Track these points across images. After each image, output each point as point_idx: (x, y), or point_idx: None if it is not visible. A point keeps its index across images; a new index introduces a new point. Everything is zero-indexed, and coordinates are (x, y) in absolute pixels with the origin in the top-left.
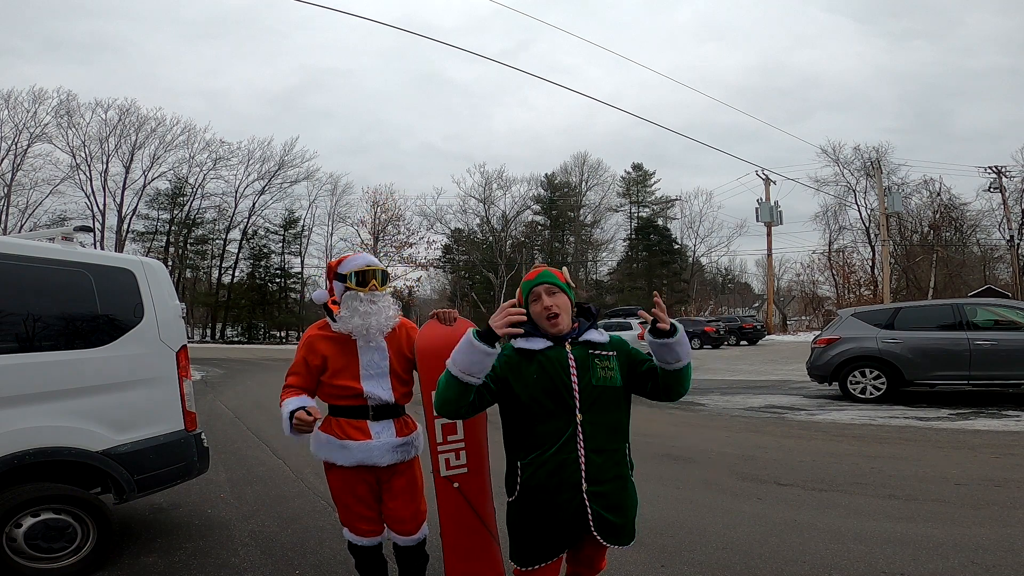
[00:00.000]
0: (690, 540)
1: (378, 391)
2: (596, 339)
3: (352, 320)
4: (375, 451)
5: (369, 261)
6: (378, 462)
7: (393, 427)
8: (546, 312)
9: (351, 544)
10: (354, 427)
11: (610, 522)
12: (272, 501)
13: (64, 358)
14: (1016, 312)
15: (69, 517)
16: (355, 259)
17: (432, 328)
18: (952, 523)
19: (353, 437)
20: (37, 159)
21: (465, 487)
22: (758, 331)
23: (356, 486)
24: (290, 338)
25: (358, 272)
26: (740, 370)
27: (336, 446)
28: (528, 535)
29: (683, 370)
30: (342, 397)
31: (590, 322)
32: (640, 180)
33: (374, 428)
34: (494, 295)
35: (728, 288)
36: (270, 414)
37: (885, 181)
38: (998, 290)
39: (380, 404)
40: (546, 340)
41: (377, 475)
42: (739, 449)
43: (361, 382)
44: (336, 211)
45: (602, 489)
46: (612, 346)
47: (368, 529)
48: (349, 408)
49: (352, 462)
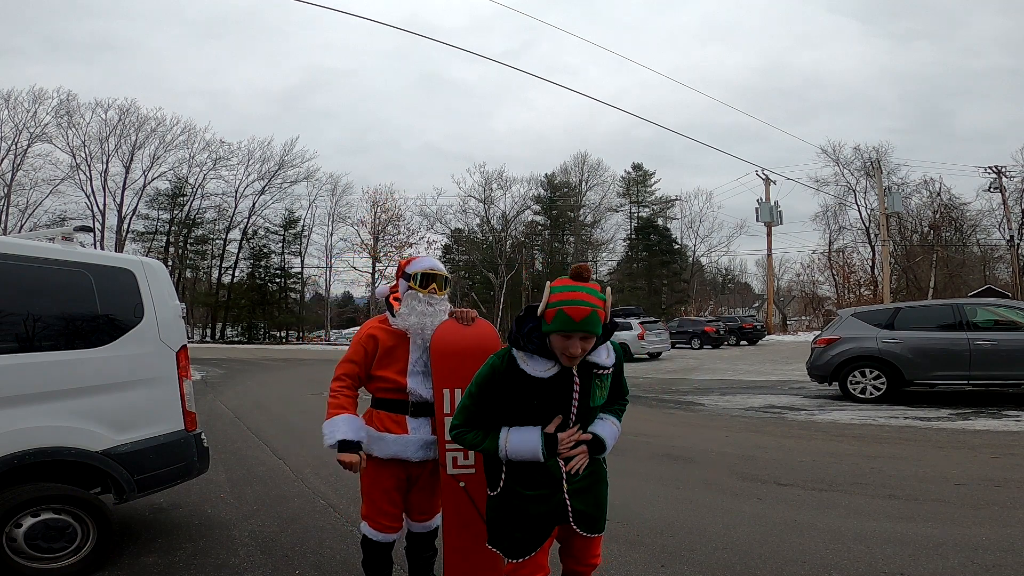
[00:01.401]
0: (690, 540)
1: (420, 388)
2: (602, 363)
3: (410, 318)
4: (410, 445)
5: (434, 265)
6: (411, 457)
7: (429, 425)
8: (571, 358)
9: (366, 539)
10: (393, 420)
11: (588, 515)
12: (272, 501)
13: (64, 358)
14: (1016, 312)
15: (69, 517)
16: (422, 261)
17: (448, 327)
18: (952, 523)
19: (391, 430)
20: (37, 159)
21: (471, 487)
22: (758, 331)
23: (386, 480)
24: (290, 338)
25: (423, 274)
26: (740, 370)
27: (375, 437)
28: (512, 529)
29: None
30: (386, 390)
31: (604, 339)
32: (640, 180)
33: (411, 424)
34: (494, 295)
35: (728, 288)
36: (270, 414)
37: (885, 181)
38: (998, 290)
39: (420, 401)
40: (553, 364)
41: (408, 471)
42: (739, 449)
43: (407, 377)
44: (336, 211)
45: (581, 485)
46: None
47: (388, 525)
48: (391, 401)
49: (387, 454)
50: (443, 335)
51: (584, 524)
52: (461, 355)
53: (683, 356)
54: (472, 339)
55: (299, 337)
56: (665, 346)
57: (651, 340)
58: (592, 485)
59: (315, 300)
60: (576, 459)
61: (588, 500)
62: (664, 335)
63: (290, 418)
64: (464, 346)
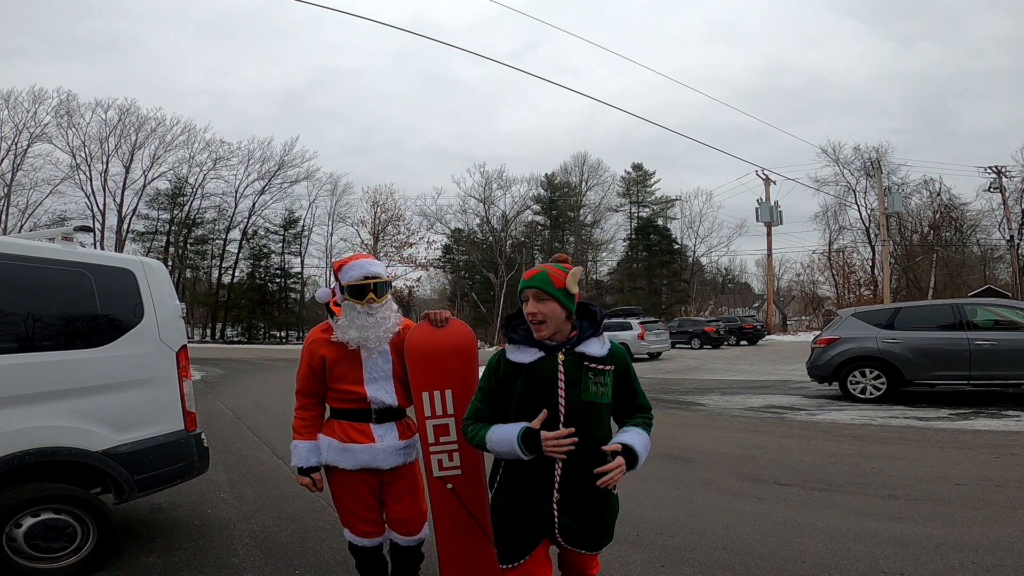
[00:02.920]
0: (690, 540)
1: (381, 395)
2: (593, 352)
3: (349, 331)
4: (379, 454)
5: (368, 272)
6: (382, 465)
7: (396, 429)
8: (530, 318)
9: (352, 544)
10: (357, 430)
11: (576, 531)
12: (272, 501)
13: (64, 358)
14: (1016, 312)
15: (69, 517)
16: (354, 268)
17: (422, 330)
18: (952, 523)
19: (356, 440)
20: (37, 159)
21: (459, 488)
22: (758, 331)
23: (358, 489)
24: (290, 338)
25: (353, 286)
26: (740, 370)
27: (338, 449)
28: (501, 533)
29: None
30: (345, 400)
31: (592, 328)
32: (640, 180)
33: (377, 431)
34: (494, 295)
35: (728, 288)
36: (270, 414)
37: (885, 181)
38: (998, 290)
39: (383, 408)
40: (538, 351)
41: (379, 477)
42: (739, 449)
43: (365, 386)
44: (336, 211)
45: (572, 500)
46: (611, 359)
47: (369, 530)
48: (352, 411)
49: (356, 465)
50: (418, 338)
51: (573, 541)
52: (438, 356)
53: (683, 356)
54: (447, 340)
55: (299, 337)
56: (665, 346)
57: (651, 340)
58: (590, 503)
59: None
60: (611, 474)
61: (582, 517)
62: (664, 335)
63: (290, 418)
64: (440, 347)
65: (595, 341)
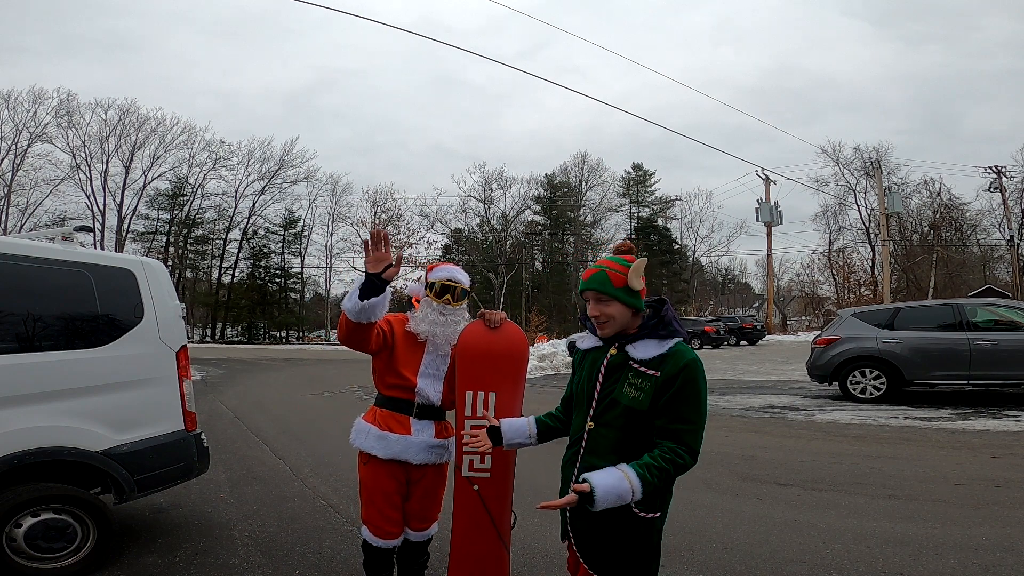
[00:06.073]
0: (690, 540)
1: (429, 391)
2: (638, 354)
3: (421, 325)
4: (412, 447)
5: (453, 276)
6: (412, 459)
7: (433, 428)
8: (593, 319)
9: (366, 543)
10: (396, 420)
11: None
12: (272, 501)
13: (64, 358)
14: (1016, 312)
15: (69, 517)
16: (443, 270)
17: (476, 330)
18: (952, 523)
19: (393, 430)
20: (37, 159)
21: (484, 491)
22: (758, 331)
23: (386, 481)
24: (290, 338)
25: (439, 284)
26: (740, 370)
27: (375, 436)
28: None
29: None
30: (396, 387)
31: (655, 323)
32: (640, 180)
33: (415, 425)
34: (494, 295)
35: (728, 288)
36: (270, 414)
37: (885, 181)
38: (998, 290)
39: (426, 403)
40: (596, 340)
41: (408, 473)
42: (739, 449)
43: (418, 378)
44: (336, 211)
45: (581, 513)
46: (661, 365)
47: (388, 530)
48: (397, 400)
49: (388, 454)
50: (470, 337)
51: (580, 546)
52: (488, 358)
53: None
54: (500, 342)
55: (299, 337)
56: None
57: None
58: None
59: (315, 300)
60: (551, 502)
61: (587, 523)
62: None
63: (290, 418)
64: (490, 349)
65: (649, 343)
